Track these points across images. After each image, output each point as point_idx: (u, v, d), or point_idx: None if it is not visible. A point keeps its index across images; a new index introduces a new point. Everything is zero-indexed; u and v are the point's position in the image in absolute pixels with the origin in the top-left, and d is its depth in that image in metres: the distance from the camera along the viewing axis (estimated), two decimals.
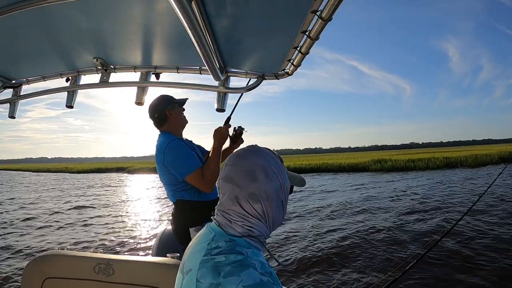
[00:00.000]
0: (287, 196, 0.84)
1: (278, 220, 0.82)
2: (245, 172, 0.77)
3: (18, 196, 17.23)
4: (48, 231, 8.37)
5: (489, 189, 2.88)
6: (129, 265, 1.48)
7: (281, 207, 0.82)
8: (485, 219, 7.00)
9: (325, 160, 32.75)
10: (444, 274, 4.23)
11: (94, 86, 2.05)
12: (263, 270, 0.70)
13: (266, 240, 0.82)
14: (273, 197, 0.78)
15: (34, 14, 1.30)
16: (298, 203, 10.91)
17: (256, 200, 0.76)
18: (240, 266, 0.67)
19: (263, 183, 0.77)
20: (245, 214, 0.77)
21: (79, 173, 45.93)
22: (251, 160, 0.79)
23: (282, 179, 0.80)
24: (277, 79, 1.84)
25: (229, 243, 0.74)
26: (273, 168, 0.79)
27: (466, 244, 5.32)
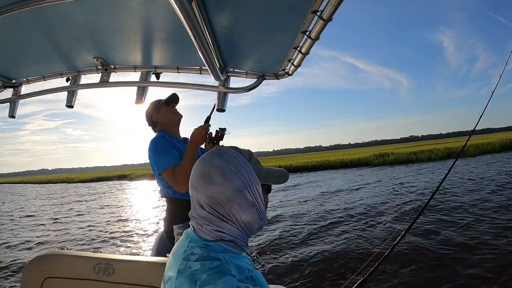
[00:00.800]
0: (260, 196, 0.77)
1: (253, 223, 0.77)
2: (201, 175, 0.75)
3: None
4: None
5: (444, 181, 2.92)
6: (129, 265, 1.48)
7: (252, 208, 0.76)
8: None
9: (328, 157, 32.76)
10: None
11: (94, 86, 2.05)
12: (242, 276, 0.69)
13: (246, 243, 0.79)
14: (234, 198, 0.73)
15: (35, 14, 1.30)
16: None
17: (215, 203, 0.73)
18: (216, 274, 0.65)
19: (219, 185, 0.73)
20: (211, 218, 0.74)
21: (81, 182, 45.61)
22: (209, 162, 0.76)
23: (245, 179, 0.75)
24: (277, 79, 1.84)
25: (204, 249, 0.72)
26: (232, 167, 0.74)
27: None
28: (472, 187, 10.19)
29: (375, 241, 5.57)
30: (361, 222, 7.10)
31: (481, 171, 13.73)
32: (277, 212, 8.99)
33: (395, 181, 13.67)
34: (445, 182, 3.08)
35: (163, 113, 2.13)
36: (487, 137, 35.15)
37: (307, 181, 17.23)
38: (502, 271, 4.01)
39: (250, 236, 0.80)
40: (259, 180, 0.78)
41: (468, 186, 10.41)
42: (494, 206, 7.33)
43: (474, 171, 13.94)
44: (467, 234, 5.57)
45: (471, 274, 4.06)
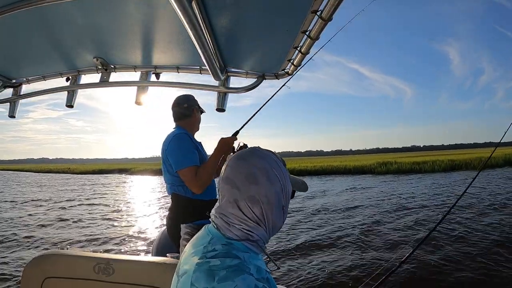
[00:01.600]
0: (288, 200, 0.81)
1: (278, 225, 0.80)
2: (245, 175, 0.75)
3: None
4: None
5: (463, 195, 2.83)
6: (129, 265, 1.48)
7: (282, 212, 0.79)
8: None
9: (330, 163, 32.55)
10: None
11: (94, 86, 2.05)
12: (259, 276, 0.69)
13: (265, 245, 0.80)
14: (274, 201, 0.76)
15: (35, 14, 1.30)
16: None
17: (256, 203, 0.74)
18: (235, 271, 0.66)
19: (263, 187, 0.74)
20: (244, 218, 0.75)
21: (82, 174, 45.31)
22: (253, 162, 0.77)
23: (283, 183, 0.78)
24: (277, 79, 1.84)
25: (225, 247, 0.72)
26: (275, 171, 0.77)
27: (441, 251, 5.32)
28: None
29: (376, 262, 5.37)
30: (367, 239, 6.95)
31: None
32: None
33: (404, 192, 13.39)
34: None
35: (198, 115, 2.21)
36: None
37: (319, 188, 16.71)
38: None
39: (271, 237, 0.82)
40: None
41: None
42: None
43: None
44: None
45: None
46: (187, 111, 2.15)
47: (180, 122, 2.16)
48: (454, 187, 14.09)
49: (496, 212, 8.05)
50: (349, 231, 6.78)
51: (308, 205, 10.59)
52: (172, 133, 2.07)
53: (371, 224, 7.41)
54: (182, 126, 2.15)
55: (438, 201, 10.39)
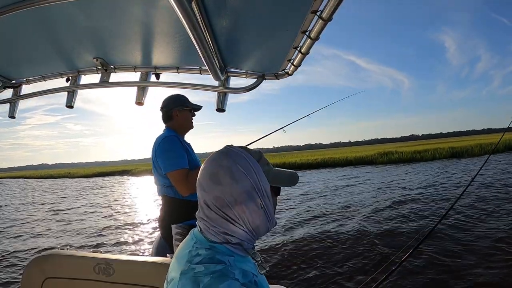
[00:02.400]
0: (269, 198, 0.75)
1: (260, 226, 0.75)
2: (209, 175, 0.73)
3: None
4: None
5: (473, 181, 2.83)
6: (129, 265, 1.48)
7: (260, 211, 0.73)
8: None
9: (332, 155, 32.63)
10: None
11: (94, 86, 2.05)
12: (246, 280, 0.68)
13: (252, 246, 0.77)
14: (243, 200, 0.71)
15: (34, 14, 1.29)
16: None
17: (222, 204, 0.71)
18: (219, 277, 0.64)
19: (227, 186, 0.70)
20: (218, 220, 0.72)
21: (83, 177, 45.15)
22: (217, 162, 0.73)
23: (254, 180, 0.72)
24: (277, 79, 1.84)
25: (209, 251, 0.71)
26: (241, 168, 0.72)
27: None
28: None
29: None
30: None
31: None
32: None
33: (412, 180, 13.36)
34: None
35: (185, 115, 2.18)
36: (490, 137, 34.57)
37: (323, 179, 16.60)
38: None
39: (257, 239, 0.78)
40: (268, 182, 0.76)
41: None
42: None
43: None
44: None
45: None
46: (166, 115, 2.17)
47: (167, 124, 2.19)
48: (458, 174, 14.06)
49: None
50: (357, 226, 6.76)
51: (311, 198, 10.59)
52: (161, 135, 2.11)
53: (378, 217, 7.42)
54: (170, 127, 2.17)
55: (445, 190, 10.37)
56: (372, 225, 6.77)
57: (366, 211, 8.10)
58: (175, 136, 2.06)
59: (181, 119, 2.17)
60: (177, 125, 2.18)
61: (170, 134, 2.09)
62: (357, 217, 7.62)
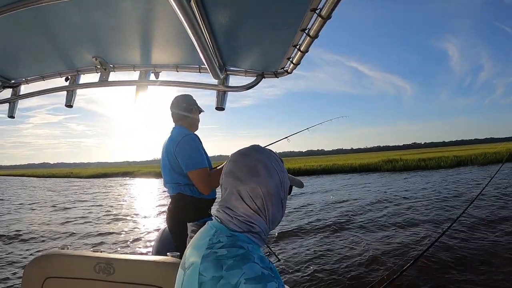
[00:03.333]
0: (286, 195, 0.85)
1: (277, 218, 0.84)
2: (247, 167, 0.79)
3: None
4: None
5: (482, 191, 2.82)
6: (129, 264, 1.48)
7: (281, 205, 0.83)
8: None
9: (336, 161, 32.60)
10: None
11: (94, 86, 2.04)
12: (264, 265, 0.72)
13: (266, 238, 0.83)
14: (273, 193, 0.79)
15: (33, 14, 1.29)
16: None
17: (257, 194, 0.78)
18: (242, 260, 0.69)
19: (264, 178, 0.78)
20: (246, 209, 0.79)
21: (85, 178, 44.88)
22: (254, 156, 0.81)
23: (282, 177, 0.82)
24: (277, 77, 1.84)
25: (230, 238, 0.75)
26: (274, 165, 0.81)
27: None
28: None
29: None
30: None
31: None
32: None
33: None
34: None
35: (196, 114, 2.22)
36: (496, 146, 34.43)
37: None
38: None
39: (271, 230, 0.85)
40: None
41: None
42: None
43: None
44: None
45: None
46: (186, 111, 2.16)
47: (180, 122, 2.17)
48: (464, 183, 13.92)
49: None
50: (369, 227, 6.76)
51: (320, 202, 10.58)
52: (178, 134, 2.08)
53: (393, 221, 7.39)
54: (183, 125, 2.17)
55: (453, 198, 10.30)
56: (375, 234, 6.75)
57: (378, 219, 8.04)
58: (194, 135, 2.09)
59: (196, 118, 2.22)
60: (192, 123, 2.19)
61: (189, 132, 2.09)
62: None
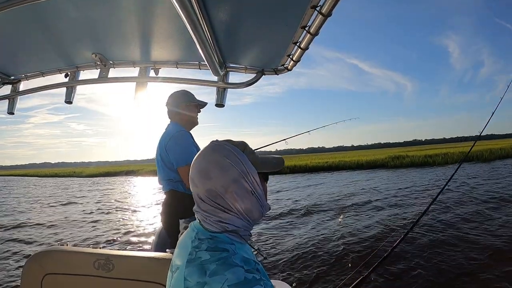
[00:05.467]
0: (258, 184, 0.80)
1: (253, 210, 0.79)
2: (199, 171, 0.77)
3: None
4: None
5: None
6: (128, 261, 1.48)
7: (251, 197, 0.78)
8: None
9: (341, 158, 32.75)
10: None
11: (93, 82, 2.04)
12: (249, 267, 0.70)
13: (249, 234, 0.81)
14: (233, 188, 0.76)
15: (33, 10, 1.29)
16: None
17: (214, 195, 0.76)
18: (224, 264, 0.68)
19: (217, 179, 0.75)
20: (213, 210, 0.77)
21: (88, 177, 44.69)
22: (206, 158, 0.78)
23: (241, 169, 0.77)
24: (277, 74, 1.84)
25: (211, 240, 0.75)
26: (229, 160, 0.77)
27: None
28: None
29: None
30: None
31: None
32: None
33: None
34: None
35: (192, 111, 2.19)
36: (494, 143, 34.71)
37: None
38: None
39: (253, 224, 0.82)
40: (256, 168, 0.80)
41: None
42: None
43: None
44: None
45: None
46: (179, 108, 2.16)
47: (175, 119, 2.17)
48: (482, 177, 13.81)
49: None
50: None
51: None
52: (172, 130, 2.08)
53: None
54: (176, 122, 2.17)
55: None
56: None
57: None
58: (186, 132, 2.08)
59: (188, 115, 2.19)
60: (185, 120, 2.18)
61: (181, 129, 2.09)
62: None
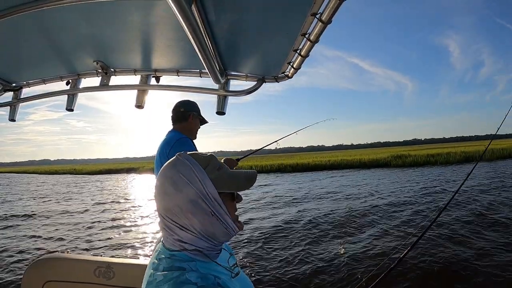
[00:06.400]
0: (219, 204, 0.73)
1: (216, 232, 0.74)
2: (158, 188, 0.74)
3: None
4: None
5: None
6: (129, 269, 1.48)
7: (211, 218, 0.73)
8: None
9: (343, 157, 33.07)
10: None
11: (94, 89, 2.05)
12: (206, 282, 0.68)
13: (215, 253, 0.78)
14: (188, 208, 0.71)
15: (35, 18, 1.30)
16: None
17: (171, 213, 0.72)
18: (175, 284, 0.66)
19: (172, 196, 0.71)
20: (171, 227, 0.73)
21: (89, 174, 44.74)
22: (164, 173, 0.74)
23: (198, 188, 0.72)
24: (277, 82, 1.84)
25: (169, 260, 0.72)
26: (184, 177, 0.72)
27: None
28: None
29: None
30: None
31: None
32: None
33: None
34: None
35: (195, 122, 2.23)
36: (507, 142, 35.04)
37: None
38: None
39: (219, 245, 0.78)
40: (217, 188, 0.74)
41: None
42: None
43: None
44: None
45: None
46: (183, 115, 2.18)
47: (176, 126, 2.19)
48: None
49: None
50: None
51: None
52: (174, 136, 2.09)
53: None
54: (178, 130, 2.17)
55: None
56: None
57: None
58: (187, 138, 2.09)
59: (193, 124, 2.22)
60: (188, 129, 2.19)
61: (182, 135, 2.10)
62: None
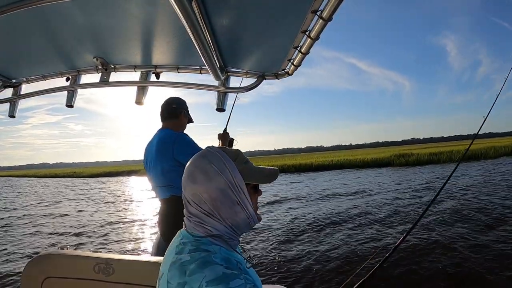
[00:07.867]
0: (245, 195, 0.79)
1: (239, 221, 0.79)
2: (187, 175, 0.79)
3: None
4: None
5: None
6: (128, 265, 1.48)
7: (236, 207, 0.78)
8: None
9: (345, 157, 33.17)
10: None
11: (94, 86, 2.05)
12: (229, 265, 0.71)
13: (236, 241, 0.81)
14: (217, 196, 0.76)
15: (35, 14, 1.29)
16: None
17: (199, 200, 0.77)
18: (203, 263, 0.69)
19: (202, 184, 0.76)
20: (198, 214, 0.78)
21: (89, 177, 44.47)
22: (194, 163, 0.80)
23: (227, 178, 0.77)
24: (277, 78, 1.84)
25: (194, 243, 0.76)
26: (215, 167, 0.77)
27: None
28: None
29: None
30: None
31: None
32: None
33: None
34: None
35: (184, 120, 2.24)
36: (494, 141, 35.28)
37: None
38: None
39: (239, 234, 0.82)
40: (244, 179, 0.80)
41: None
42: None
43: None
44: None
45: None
46: (175, 112, 2.17)
47: (166, 123, 2.17)
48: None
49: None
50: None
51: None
52: (169, 134, 2.06)
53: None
54: (170, 127, 2.15)
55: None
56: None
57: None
58: (185, 133, 2.10)
59: (183, 122, 2.22)
60: (178, 126, 2.18)
61: (180, 132, 2.11)
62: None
